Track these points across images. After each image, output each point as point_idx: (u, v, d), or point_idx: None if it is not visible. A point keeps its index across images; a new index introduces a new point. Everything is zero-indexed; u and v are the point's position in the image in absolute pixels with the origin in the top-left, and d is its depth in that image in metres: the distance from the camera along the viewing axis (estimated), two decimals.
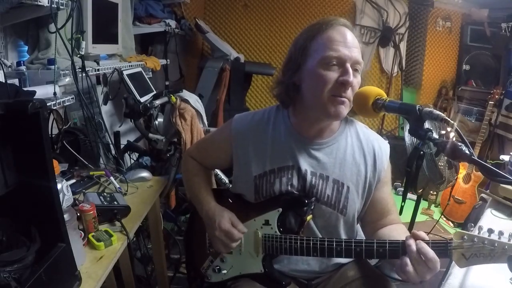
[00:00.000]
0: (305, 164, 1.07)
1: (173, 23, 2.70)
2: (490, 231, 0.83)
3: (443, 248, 0.85)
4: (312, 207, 1.05)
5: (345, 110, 0.97)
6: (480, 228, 0.84)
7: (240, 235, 1.07)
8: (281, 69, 1.10)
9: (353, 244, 0.95)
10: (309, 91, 1.00)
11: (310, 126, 1.07)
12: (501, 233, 0.82)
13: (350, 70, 0.94)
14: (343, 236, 1.10)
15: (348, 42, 0.96)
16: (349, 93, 0.96)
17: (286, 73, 1.06)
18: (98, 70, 1.73)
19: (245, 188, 1.13)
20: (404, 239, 0.89)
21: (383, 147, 1.11)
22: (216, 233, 1.08)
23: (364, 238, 1.16)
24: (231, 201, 1.18)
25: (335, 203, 1.06)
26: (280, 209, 1.05)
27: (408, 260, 0.85)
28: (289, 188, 1.07)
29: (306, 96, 1.02)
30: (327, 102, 0.96)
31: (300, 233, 1.04)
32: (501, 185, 1.53)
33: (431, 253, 0.83)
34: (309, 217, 1.04)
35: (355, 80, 0.96)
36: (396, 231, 1.06)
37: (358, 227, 1.18)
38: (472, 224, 0.87)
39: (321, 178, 1.06)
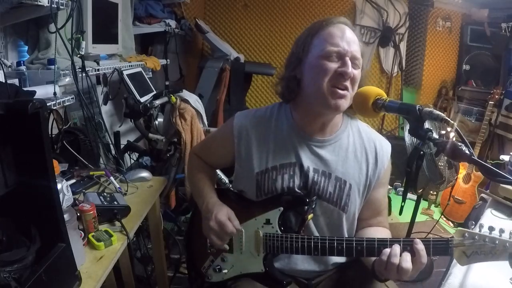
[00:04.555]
0: (307, 161, 1.07)
1: (173, 23, 2.69)
2: (491, 228, 0.83)
3: (444, 246, 0.86)
4: (314, 206, 1.05)
5: (345, 103, 0.99)
6: (481, 226, 0.85)
7: (233, 229, 1.06)
8: (284, 65, 1.12)
9: (354, 242, 0.96)
10: (310, 83, 1.02)
11: (312, 121, 1.07)
12: (502, 231, 0.83)
13: (349, 62, 0.97)
14: (346, 234, 1.11)
15: (347, 37, 0.99)
16: (349, 86, 0.98)
17: (288, 68, 1.09)
18: (98, 70, 1.73)
19: (247, 185, 1.13)
20: None
21: (384, 146, 1.12)
22: (210, 224, 1.07)
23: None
24: (232, 201, 1.18)
25: (337, 200, 1.07)
26: (281, 208, 1.05)
27: (408, 257, 0.86)
28: (291, 185, 1.07)
29: (307, 88, 1.04)
30: (327, 94, 0.98)
31: (301, 232, 1.04)
32: (501, 185, 1.53)
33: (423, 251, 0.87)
34: (310, 216, 1.04)
35: (355, 72, 0.98)
36: (379, 234, 1.08)
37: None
38: (473, 222, 0.87)
39: (324, 175, 1.07)
